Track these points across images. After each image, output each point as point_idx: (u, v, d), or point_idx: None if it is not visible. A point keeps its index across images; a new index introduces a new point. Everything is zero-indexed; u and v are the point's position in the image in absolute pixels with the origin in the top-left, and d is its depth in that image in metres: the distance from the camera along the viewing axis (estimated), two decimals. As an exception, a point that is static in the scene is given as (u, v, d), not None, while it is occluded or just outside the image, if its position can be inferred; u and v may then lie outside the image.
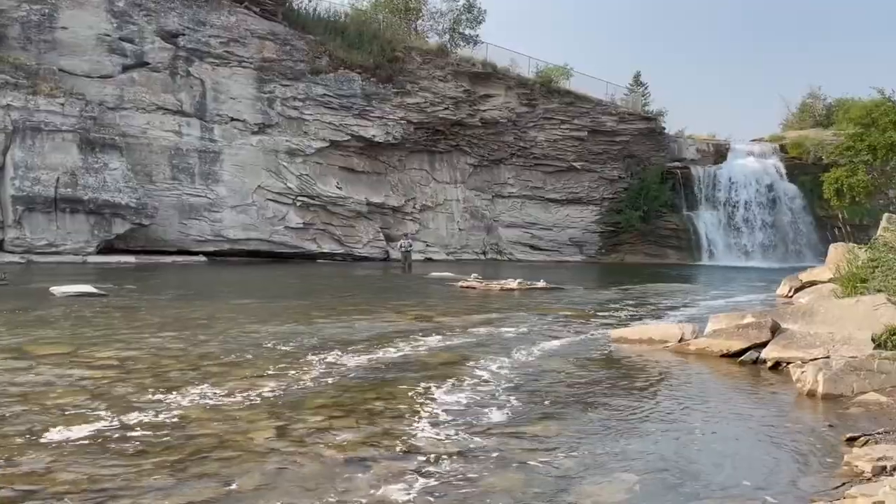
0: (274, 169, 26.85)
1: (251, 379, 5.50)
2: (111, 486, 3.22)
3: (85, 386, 5.18)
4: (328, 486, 3.31)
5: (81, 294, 11.45)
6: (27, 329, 7.86)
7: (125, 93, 23.79)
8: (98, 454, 3.66)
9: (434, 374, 5.87)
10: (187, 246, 25.04)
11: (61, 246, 21.50)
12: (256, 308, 10.90)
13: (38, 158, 21.08)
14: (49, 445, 3.78)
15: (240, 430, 4.14)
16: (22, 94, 20.96)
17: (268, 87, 26.46)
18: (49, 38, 22.47)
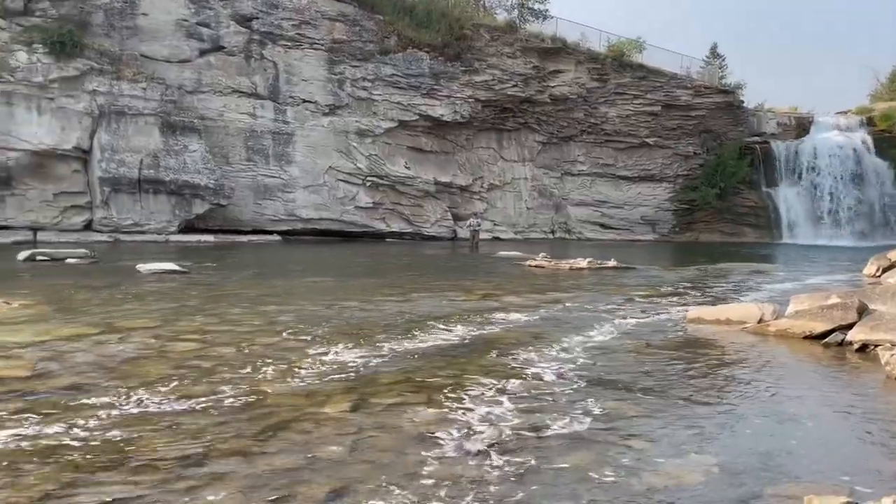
0: (344, 149, 27.23)
1: (326, 355, 5.64)
2: (199, 452, 3.38)
3: (170, 358, 5.42)
4: (402, 460, 3.37)
5: (165, 271, 11.96)
6: (117, 304, 8.28)
7: (203, 76, 24.51)
8: (184, 423, 3.83)
9: (504, 353, 5.88)
10: (262, 225, 25.76)
11: (145, 225, 22.46)
12: (329, 286, 11.14)
13: (122, 141, 22.01)
14: (139, 415, 3.98)
15: (317, 403, 4.26)
16: (107, 80, 21.87)
17: (338, 69, 26.77)
18: (131, 24, 23.33)
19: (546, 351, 6.01)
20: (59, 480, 3.02)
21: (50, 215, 21.57)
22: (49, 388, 4.49)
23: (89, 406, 4.10)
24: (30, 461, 3.23)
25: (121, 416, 3.93)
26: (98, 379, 4.75)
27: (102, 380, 4.72)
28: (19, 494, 2.88)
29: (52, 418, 3.84)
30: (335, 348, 5.89)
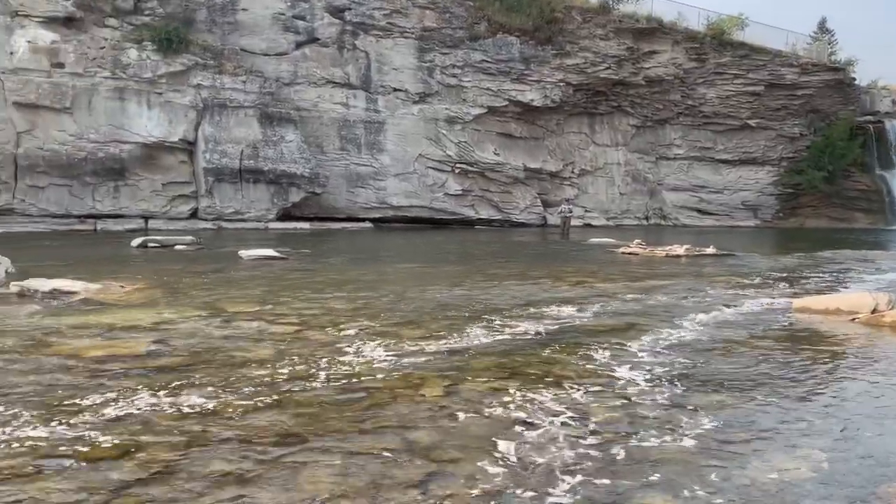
0: (434, 137, 27.43)
1: (418, 339, 5.72)
2: (298, 430, 3.50)
3: (272, 340, 5.64)
4: (494, 445, 3.38)
5: (265, 257, 12.44)
6: (222, 288, 8.68)
7: (298, 68, 25.25)
8: (284, 402, 3.98)
9: (597, 342, 5.78)
10: (355, 213, 26.36)
11: (246, 213, 23.43)
12: (420, 271, 11.28)
13: (224, 133, 22.99)
14: (243, 394, 4.16)
15: (412, 386, 4.33)
16: (210, 74, 22.88)
17: (428, 56, 26.94)
18: (231, 20, 24.29)
19: (641, 339, 5.86)
20: (176, 452, 3.20)
21: (159, 204, 22.83)
22: (161, 366, 4.76)
23: (198, 383, 4.32)
24: (146, 435, 3.44)
25: (226, 393, 4.12)
26: (205, 358, 4.99)
27: (209, 359, 4.96)
28: (142, 465, 3.07)
29: (165, 393, 4.07)
30: (427, 333, 5.96)
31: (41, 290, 7.79)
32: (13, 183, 20.75)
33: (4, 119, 20.35)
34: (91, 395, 4.03)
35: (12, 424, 3.53)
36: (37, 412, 3.71)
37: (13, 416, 3.65)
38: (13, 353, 5.06)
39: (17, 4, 20.42)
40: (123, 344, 5.39)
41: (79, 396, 4.01)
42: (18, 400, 3.94)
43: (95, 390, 4.14)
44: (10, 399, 3.95)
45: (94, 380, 4.39)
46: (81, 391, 4.12)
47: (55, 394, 4.06)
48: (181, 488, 2.85)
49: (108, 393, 4.09)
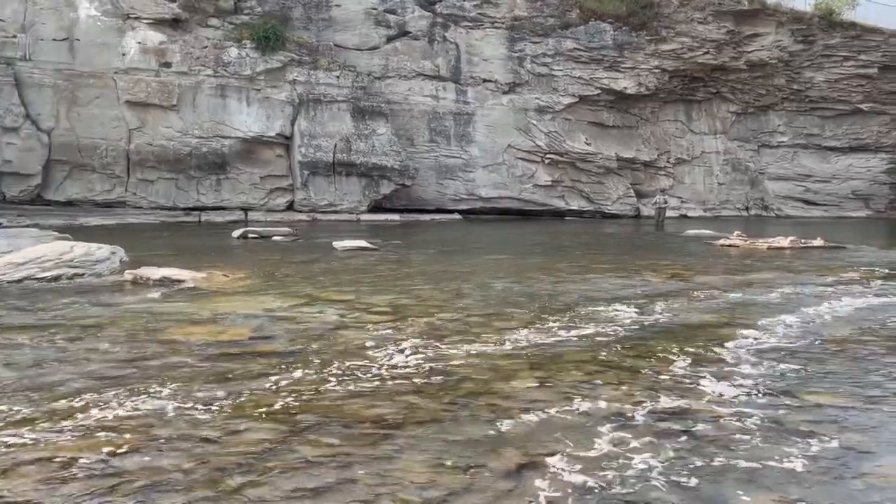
0: (523, 127, 27.22)
1: (510, 330, 5.70)
2: (394, 417, 3.56)
3: (366, 328, 5.76)
4: (589, 438, 3.32)
5: (357, 248, 12.72)
6: (318, 277, 8.94)
7: (389, 62, 25.61)
8: (381, 389, 4.05)
9: (696, 336, 5.59)
10: (444, 204, 26.54)
11: (339, 205, 24.02)
12: (509, 263, 11.23)
13: (319, 127, 23.63)
14: (340, 379, 4.27)
15: (503, 377, 4.32)
16: (305, 70, 23.54)
17: (518, 46, 26.73)
18: (326, 16, 24.90)
19: (742, 336, 5.62)
20: (277, 435, 3.32)
21: (258, 197, 23.73)
22: (264, 351, 4.95)
23: (299, 368, 4.46)
24: (248, 416, 3.58)
25: (323, 378, 4.24)
26: (305, 344, 5.15)
27: (308, 345, 5.12)
28: (244, 448, 3.21)
29: (266, 377, 4.23)
30: (517, 324, 5.93)
31: (152, 278, 8.25)
32: (126, 177, 22.06)
33: (118, 117, 21.65)
34: (198, 377, 4.24)
35: (136, 398, 3.76)
36: (153, 389, 3.94)
37: (139, 391, 3.89)
38: (131, 337, 5.38)
39: (128, 8, 21.64)
40: (228, 330, 5.64)
41: (187, 378, 4.22)
42: (140, 379, 4.19)
43: (202, 372, 4.35)
44: (134, 378, 4.21)
45: (202, 363, 4.61)
46: (190, 373, 4.34)
47: (168, 374, 4.29)
48: (282, 470, 2.95)
49: (213, 375, 4.29)
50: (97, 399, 3.82)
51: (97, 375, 4.30)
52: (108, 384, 4.10)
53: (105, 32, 21.55)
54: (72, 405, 3.71)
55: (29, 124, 20.44)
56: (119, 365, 4.54)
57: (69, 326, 5.71)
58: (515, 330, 5.71)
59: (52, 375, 4.29)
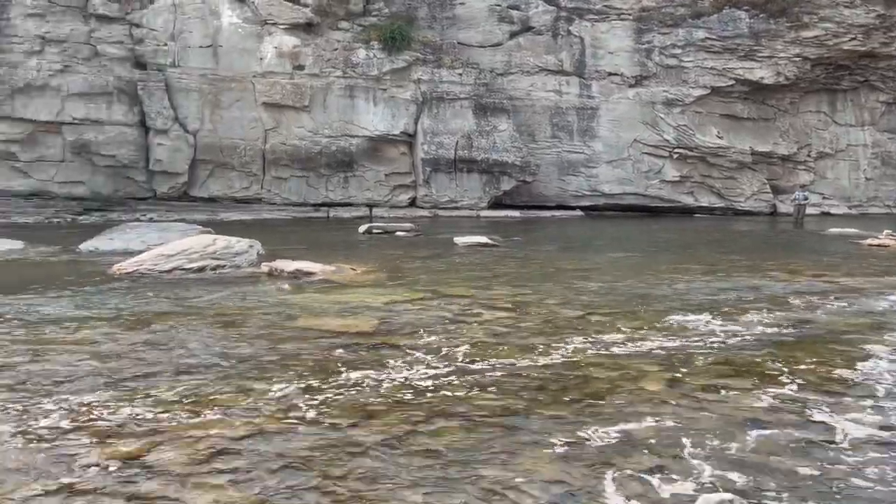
0: (650, 121, 26.33)
1: (635, 330, 5.55)
2: (518, 414, 3.57)
3: (489, 323, 5.80)
4: (721, 442, 3.18)
5: (478, 244, 12.81)
6: (440, 272, 9.10)
7: (512, 58, 25.54)
8: (503, 385, 4.07)
9: (841, 340, 5.21)
10: (565, 201, 26.17)
11: (459, 202, 24.26)
12: (634, 261, 10.92)
13: (441, 125, 23.97)
14: (466, 372, 4.32)
15: (629, 378, 4.21)
16: (429, 69, 23.95)
17: (646, 38, 25.88)
18: (450, 14, 25.20)
19: (894, 341, 5.18)
20: (407, 424, 3.41)
21: (382, 193, 24.41)
22: (388, 342, 5.10)
23: (424, 359, 4.57)
24: (376, 404, 3.70)
25: (449, 370, 4.31)
26: (427, 337, 5.26)
27: (431, 338, 5.22)
28: (375, 431, 3.32)
29: (392, 367, 4.36)
30: (643, 324, 5.76)
31: (286, 270, 8.70)
32: (261, 175, 23.36)
33: (255, 118, 22.95)
34: (329, 365, 4.43)
35: (270, 383, 3.99)
36: (287, 374, 4.16)
37: (275, 376, 4.13)
38: (268, 324, 5.71)
39: (266, 14, 22.87)
40: (356, 321, 5.85)
41: (319, 365, 4.43)
42: (276, 363, 4.44)
43: (333, 360, 4.55)
44: (268, 363, 4.47)
45: (332, 350, 4.82)
46: (321, 360, 4.55)
47: (301, 360, 4.52)
48: (408, 458, 3.03)
49: (343, 363, 4.47)
50: (238, 383, 4.08)
51: (239, 359, 4.59)
52: (249, 368, 4.37)
53: (245, 38, 22.90)
54: (214, 388, 3.99)
55: (177, 126, 22.06)
56: (257, 351, 4.83)
57: (213, 314, 6.13)
58: (641, 330, 5.56)
59: (195, 358, 4.62)
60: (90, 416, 3.50)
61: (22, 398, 3.77)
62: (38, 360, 4.54)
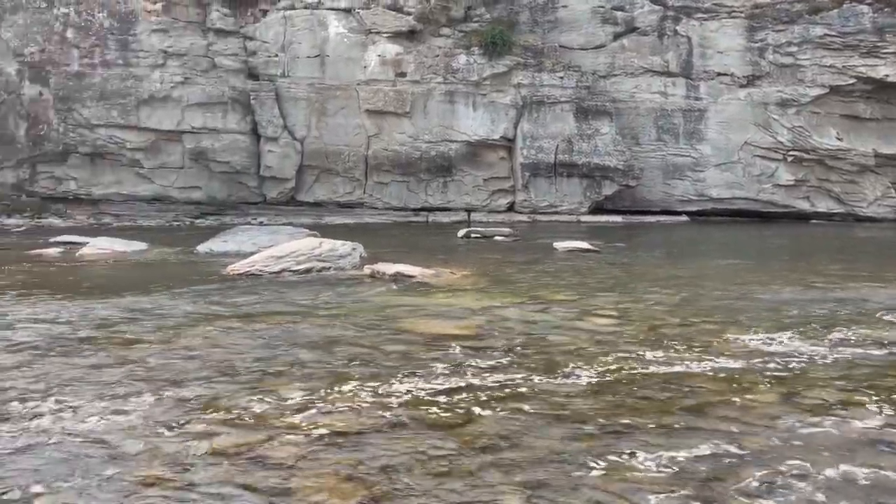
0: (762, 123, 25.12)
1: (747, 340, 5.30)
2: (624, 422, 3.48)
3: (590, 330, 5.70)
4: (842, 463, 2.99)
5: (579, 249, 12.62)
6: (539, 277, 9.03)
7: (616, 60, 25.04)
8: (607, 392, 3.98)
9: (982, 359, 4.78)
10: (670, 206, 25.36)
11: (559, 206, 24.01)
12: (743, 269, 10.44)
13: (541, 129, 23.81)
14: (566, 379, 4.27)
15: (740, 390, 4.03)
16: (529, 73, 23.86)
17: (758, 36, 24.74)
18: (552, 18, 25.01)
19: None
20: (510, 425, 3.41)
21: (481, 198, 24.51)
22: (489, 347, 5.11)
23: (524, 364, 4.54)
24: (477, 408, 3.71)
25: (548, 377, 4.27)
26: (529, 341, 5.24)
27: (531, 343, 5.19)
28: (474, 436, 3.33)
29: (496, 371, 4.36)
30: (754, 334, 5.50)
31: (387, 273, 8.88)
32: (364, 180, 23.99)
33: (359, 125, 23.60)
34: (432, 366, 4.48)
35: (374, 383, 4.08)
36: (392, 374, 4.25)
37: (378, 375, 4.23)
38: (371, 325, 5.85)
39: (371, 24, 23.50)
40: (456, 324, 5.90)
41: (420, 367, 4.49)
42: (379, 364, 4.55)
43: (432, 363, 4.60)
44: (373, 363, 4.58)
45: (431, 353, 4.88)
46: (423, 362, 4.61)
47: (404, 362, 4.60)
48: (512, 461, 3.02)
49: (449, 365, 4.51)
50: (345, 381, 4.20)
51: (345, 358, 4.73)
52: (356, 366, 4.49)
53: (350, 48, 23.60)
54: (322, 383, 4.12)
55: (286, 134, 23.01)
56: (361, 350, 4.95)
57: (320, 314, 6.35)
58: (752, 340, 5.30)
59: (304, 355, 4.80)
60: (209, 406, 3.70)
61: (149, 388, 4.03)
62: (163, 354, 4.85)
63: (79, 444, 3.20)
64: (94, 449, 3.15)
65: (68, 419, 3.53)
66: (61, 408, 3.69)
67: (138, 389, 4.02)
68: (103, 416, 3.56)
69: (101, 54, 21.83)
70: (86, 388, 4.04)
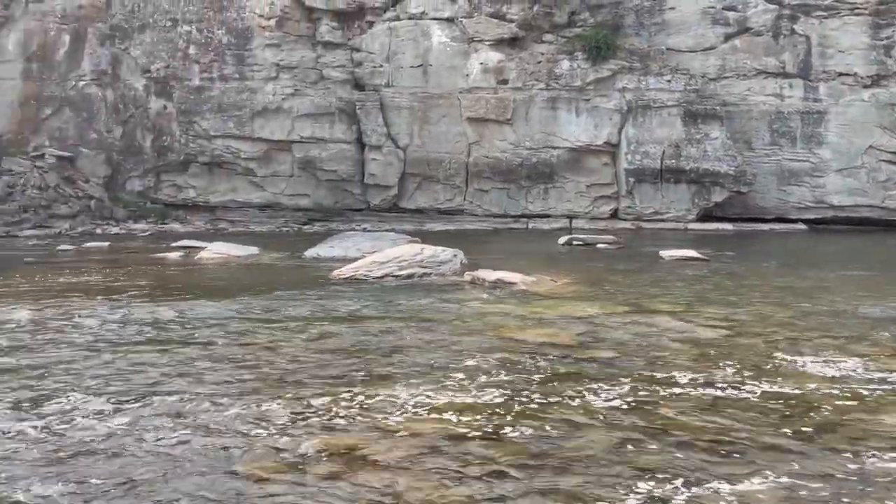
0: (889, 126, 23.40)
1: (873, 357, 4.94)
2: (738, 440, 3.32)
3: (699, 342, 5.48)
4: None
5: (686, 258, 12.16)
6: (644, 286, 8.78)
7: (726, 62, 24.04)
8: (719, 409, 3.82)
9: None
10: (785, 213, 24.04)
11: (665, 213, 23.27)
12: (870, 280, 9.74)
13: (646, 134, 23.18)
14: (672, 393, 4.12)
15: (867, 409, 3.76)
16: (635, 77, 23.30)
17: (885, 33, 23.11)
18: (659, 20, 24.32)
19: None
20: (613, 438, 3.33)
21: (582, 205, 24.11)
22: (591, 357, 5.01)
23: (628, 376, 4.42)
24: (583, 418, 3.65)
25: (654, 388, 4.13)
26: (633, 352, 5.10)
27: (637, 353, 5.05)
28: (580, 450, 3.28)
29: (595, 381, 4.27)
30: (882, 351, 5.11)
31: (487, 280, 8.89)
32: (464, 187, 24.15)
33: (460, 133, 23.80)
34: (531, 375, 4.45)
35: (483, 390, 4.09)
36: (492, 381, 4.24)
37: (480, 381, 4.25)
38: (471, 331, 5.88)
39: (473, 32, 23.67)
40: (556, 332, 5.83)
41: (522, 374, 4.46)
42: (481, 370, 4.56)
43: (532, 371, 4.56)
44: (474, 369, 4.60)
45: (532, 361, 4.84)
46: (521, 371, 4.58)
47: (504, 368, 4.59)
48: (616, 476, 2.94)
49: (544, 374, 4.46)
50: (448, 386, 4.23)
51: (447, 364, 4.77)
52: (457, 372, 4.52)
53: (453, 56, 23.86)
54: (424, 388, 4.17)
55: (389, 142, 23.52)
56: (464, 357, 4.98)
57: (422, 318, 6.44)
58: (880, 358, 4.94)
59: (407, 359, 4.87)
60: (318, 406, 3.82)
61: (261, 386, 4.22)
62: (275, 354, 5.06)
63: (195, 436, 3.39)
64: (212, 439, 3.33)
65: (185, 412, 3.74)
66: (177, 401, 3.92)
67: (252, 387, 4.21)
68: (215, 412, 3.75)
69: (219, 69, 23.12)
70: (199, 385, 4.27)
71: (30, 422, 3.60)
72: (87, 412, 3.74)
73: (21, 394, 4.08)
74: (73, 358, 4.92)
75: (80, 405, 3.85)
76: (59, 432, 3.45)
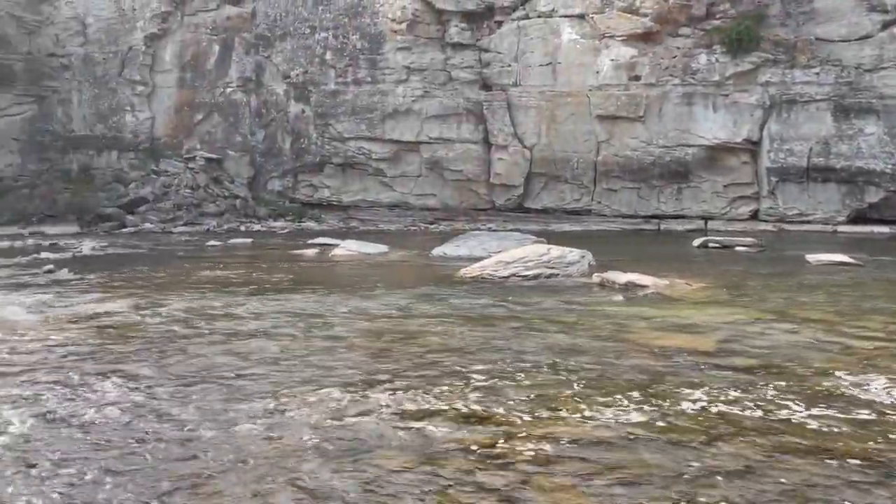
0: None
1: None
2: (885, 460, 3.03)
3: (853, 354, 5.05)
4: None
5: (836, 263, 11.27)
6: (789, 292, 8.21)
7: (884, 52, 22.04)
8: (874, 426, 3.50)
9: None
10: (952, 215, 21.75)
11: (810, 215, 21.70)
12: None
13: (791, 130, 21.72)
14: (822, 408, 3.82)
15: None
16: (779, 70, 21.88)
17: None
18: (807, 9, 22.67)
19: None
20: (757, 452, 3.14)
21: (719, 206, 22.94)
22: (731, 365, 4.74)
23: (770, 386, 4.15)
24: (719, 428, 3.45)
25: (800, 401, 3.85)
26: (776, 361, 4.77)
27: (780, 363, 4.72)
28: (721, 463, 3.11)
29: (734, 391, 4.03)
30: None
31: (617, 282, 8.64)
32: (592, 187, 23.65)
33: (589, 131, 23.32)
34: (665, 383, 4.27)
35: (613, 396, 3.98)
36: (622, 386, 4.11)
37: (607, 389, 4.13)
38: (600, 336, 5.73)
39: (604, 28, 23.11)
40: (692, 339, 5.56)
41: (657, 381, 4.29)
42: (611, 375, 4.43)
43: (666, 379, 4.37)
44: (604, 373, 4.48)
45: (666, 368, 4.64)
46: (659, 376, 4.40)
47: (635, 376, 4.44)
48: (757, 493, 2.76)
49: (680, 383, 4.27)
50: (578, 390, 4.14)
51: (576, 367, 4.67)
52: (586, 376, 4.42)
53: (583, 53, 23.43)
54: (554, 391, 4.10)
55: (516, 142, 23.46)
56: (591, 360, 4.86)
57: (549, 320, 6.35)
58: None
59: (535, 359, 4.82)
60: (445, 405, 3.86)
61: (389, 381, 4.32)
62: (404, 350, 5.17)
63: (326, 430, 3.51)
64: (341, 432, 3.44)
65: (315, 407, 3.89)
66: (303, 396, 4.09)
67: (380, 381, 4.32)
68: (352, 407, 3.87)
69: (353, 73, 24.02)
70: (331, 378, 4.42)
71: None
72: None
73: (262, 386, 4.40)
74: (307, 351, 5.27)
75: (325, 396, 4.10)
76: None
